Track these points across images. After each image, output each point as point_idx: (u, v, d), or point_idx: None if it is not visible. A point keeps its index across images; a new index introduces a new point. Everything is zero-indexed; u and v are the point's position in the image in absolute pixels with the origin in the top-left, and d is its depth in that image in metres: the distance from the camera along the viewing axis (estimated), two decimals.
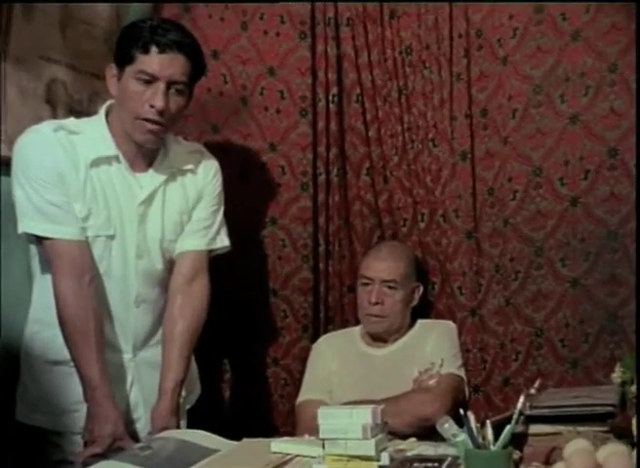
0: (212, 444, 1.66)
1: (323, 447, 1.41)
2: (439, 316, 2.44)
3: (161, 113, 1.79)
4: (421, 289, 2.37)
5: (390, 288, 2.27)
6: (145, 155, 1.91)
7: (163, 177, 1.93)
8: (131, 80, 1.79)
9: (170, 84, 1.79)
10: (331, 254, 2.54)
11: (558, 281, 2.22)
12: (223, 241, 2.07)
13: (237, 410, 2.50)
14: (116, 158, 1.86)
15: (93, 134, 1.86)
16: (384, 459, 1.39)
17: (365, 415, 1.39)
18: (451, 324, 2.36)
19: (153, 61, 1.77)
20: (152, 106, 1.78)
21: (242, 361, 2.53)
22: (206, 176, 2.02)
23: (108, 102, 1.91)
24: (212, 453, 1.59)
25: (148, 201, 1.91)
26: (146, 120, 1.80)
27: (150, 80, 1.78)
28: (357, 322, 2.42)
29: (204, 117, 2.49)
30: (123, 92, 1.81)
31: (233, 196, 2.15)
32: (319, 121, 2.49)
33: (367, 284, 2.30)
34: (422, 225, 2.45)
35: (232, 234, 2.10)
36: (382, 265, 2.29)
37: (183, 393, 1.94)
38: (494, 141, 2.31)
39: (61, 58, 2.14)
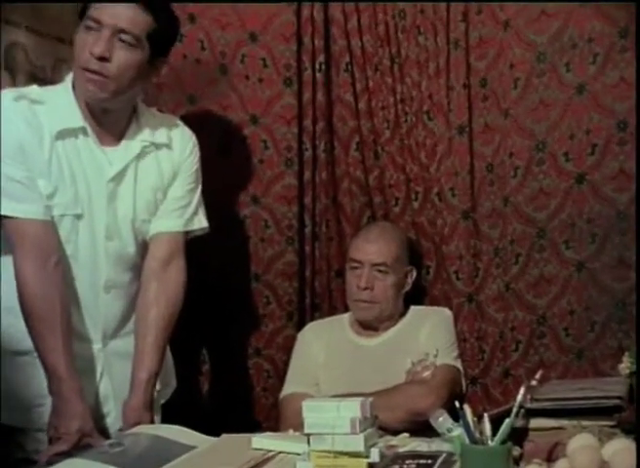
0: (188, 440, 1.65)
1: (308, 442, 1.41)
2: (434, 302, 2.45)
3: (102, 61, 1.75)
4: (415, 273, 2.37)
5: (381, 272, 2.27)
6: (115, 126, 1.89)
7: (135, 152, 1.91)
8: (80, 31, 1.78)
9: (116, 32, 1.76)
10: (317, 236, 2.54)
11: (562, 265, 2.23)
12: (201, 222, 2.06)
13: (216, 404, 2.51)
14: (83, 130, 1.84)
15: (58, 103, 1.83)
16: (374, 456, 1.39)
17: (353, 408, 1.39)
18: (446, 311, 2.36)
19: (101, 6, 1.75)
20: (92, 53, 1.75)
21: (221, 351, 2.53)
22: (182, 152, 2.00)
23: None
24: (188, 450, 1.58)
25: (119, 177, 1.89)
26: (87, 70, 1.77)
27: (96, 28, 1.75)
28: (346, 309, 2.42)
29: (180, 87, 2.47)
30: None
31: (212, 173, 2.14)
32: (305, 91, 2.48)
33: (356, 267, 2.30)
34: (416, 205, 2.44)
35: (211, 214, 2.09)
36: (373, 247, 2.29)
37: (158, 386, 1.94)
38: (493, 114, 2.31)
39: (22, 19, 2.12)
